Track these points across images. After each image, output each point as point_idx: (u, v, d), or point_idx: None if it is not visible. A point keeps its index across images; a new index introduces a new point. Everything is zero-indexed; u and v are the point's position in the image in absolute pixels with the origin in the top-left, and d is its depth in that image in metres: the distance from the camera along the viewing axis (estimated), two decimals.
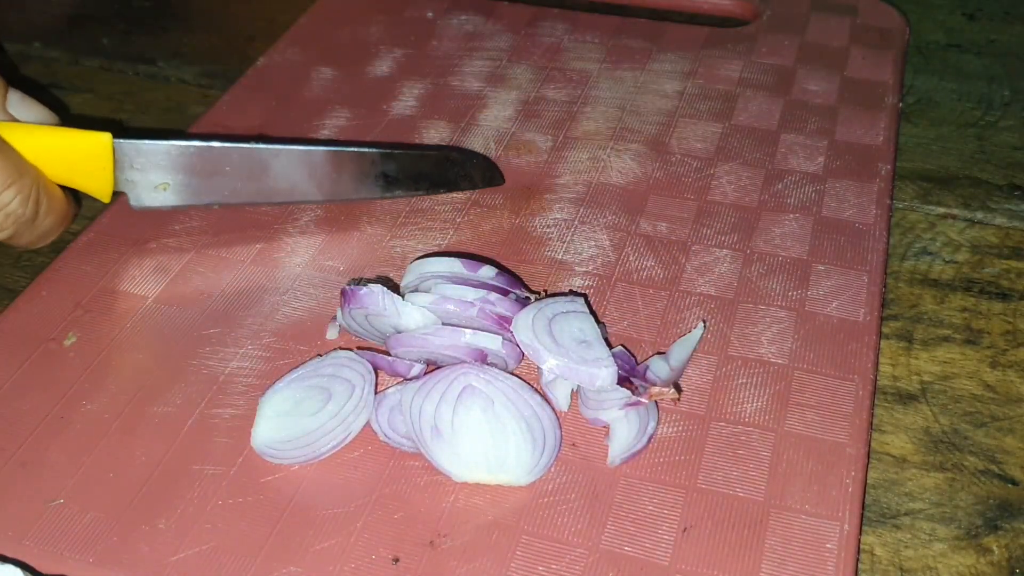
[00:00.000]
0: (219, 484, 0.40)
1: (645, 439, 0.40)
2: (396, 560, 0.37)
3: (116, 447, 0.41)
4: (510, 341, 0.42)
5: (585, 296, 0.46)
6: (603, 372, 0.40)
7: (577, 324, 0.42)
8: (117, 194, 0.48)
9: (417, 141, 0.58)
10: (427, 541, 0.38)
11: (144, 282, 0.48)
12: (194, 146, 0.47)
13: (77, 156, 0.45)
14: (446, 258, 0.44)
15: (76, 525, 0.38)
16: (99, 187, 0.47)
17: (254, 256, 0.50)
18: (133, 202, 0.49)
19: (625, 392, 0.40)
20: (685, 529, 0.38)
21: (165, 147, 0.47)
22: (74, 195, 0.48)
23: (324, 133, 0.58)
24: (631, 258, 0.50)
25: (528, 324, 0.41)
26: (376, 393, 0.42)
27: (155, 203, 0.49)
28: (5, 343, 0.46)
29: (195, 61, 0.68)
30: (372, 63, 0.64)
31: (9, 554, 0.37)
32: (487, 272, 0.44)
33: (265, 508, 0.39)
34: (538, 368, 0.42)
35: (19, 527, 0.38)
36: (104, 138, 0.46)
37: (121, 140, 0.46)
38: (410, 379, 0.42)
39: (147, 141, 0.47)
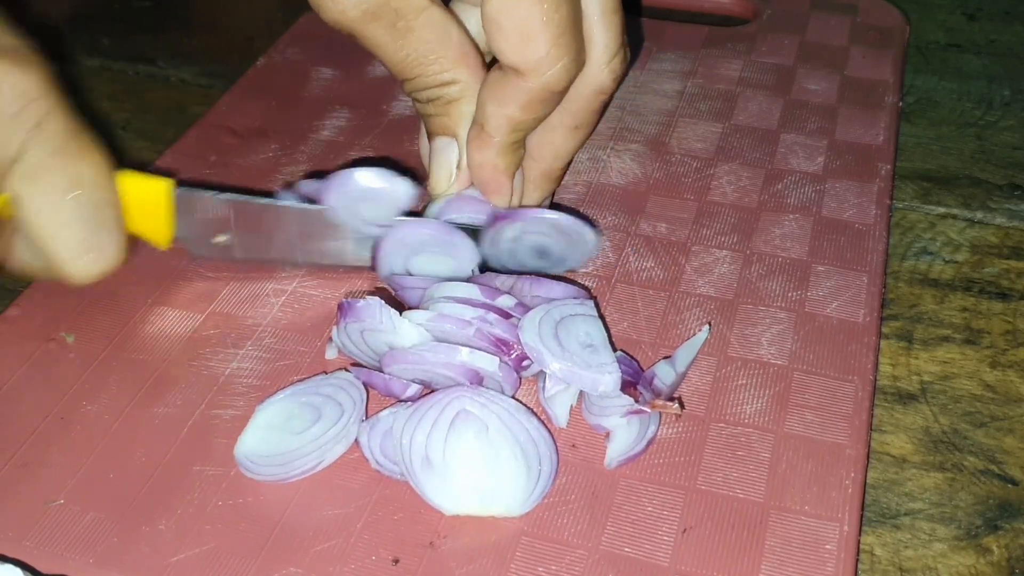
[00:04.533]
0: (219, 485, 0.40)
1: (644, 443, 0.40)
2: (396, 561, 0.37)
3: (116, 447, 0.41)
4: (507, 364, 0.41)
5: (595, 299, 0.45)
6: (607, 378, 0.39)
7: (584, 328, 0.42)
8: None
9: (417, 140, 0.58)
10: (427, 542, 0.38)
11: (144, 282, 0.48)
12: (258, 203, 0.46)
13: (135, 201, 0.44)
14: (466, 284, 0.43)
15: (76, 525, 0.38)
16: (158, 234, 0.46)
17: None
18: (192, 251, 0.47)
19: (628, 399, 0.40)
20: (685, 530, 0.38)
21: (226, 200, 0.46)
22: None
23: (324, 133, 0.58)
24: (631, 259, 0.50)
25: (535, 326, 0.41)
26: (367, 415, 0.41)
27: (213, 255, 0.47)
28: (5, 343, 0.46)
29: (195, 61, 0.68)
30: (372, 63, 0.64)
31: (9, 554, 0.37)
32: (506, 302, 0.43)
33: (265, 509, 0.39)
34: (539, 383, 0.42)
35: (19, 527, 0.38)
36: (163, 185, 0.45)
37: (181, 189, 0.45)
38: (404, 400, 0.41)
39: (209, 192, 0.45)
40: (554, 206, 0.50)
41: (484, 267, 0.46)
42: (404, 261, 0.46)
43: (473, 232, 0.46)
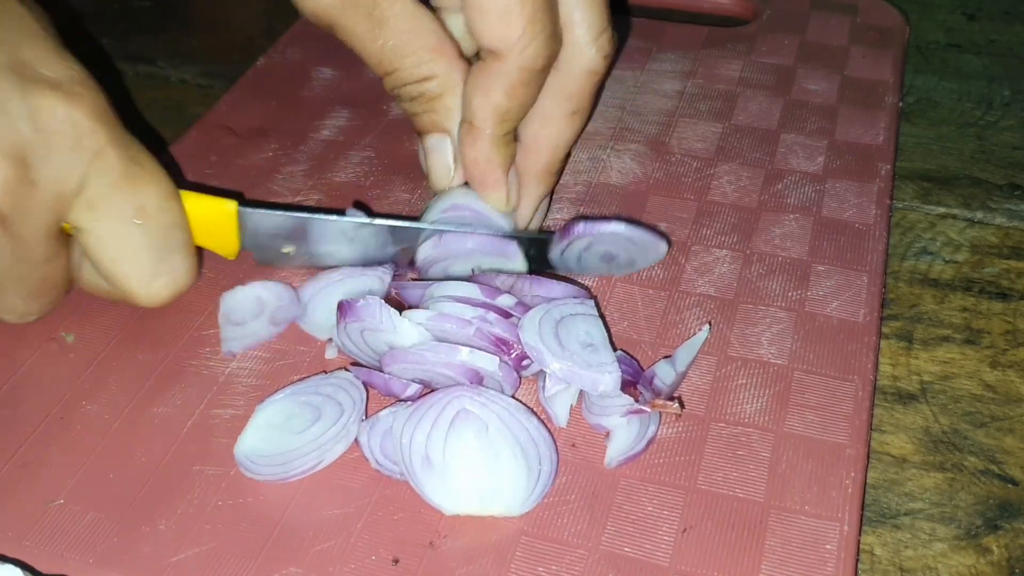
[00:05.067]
0: (219, 485, 0.40)
1: (644, 443, 0.40)
2: (396, 561, 0.37)
3: (116, 447, 0.41)
4: (507, 364, 0.41)
5: (596, 298, 0.45)
6: (607, 378, 0.39)
7: (584, 327, 0.42)
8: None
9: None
10: (427, 542, 0.38)
11: None
12: (321, 219, 0.46)
13: (204, 220, 0.45)
14: (466, 284, 0.43)
15: (76, 525, 0.38)
16: (225, 248, 0.47)
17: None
18: (258, 259, 0.48)
19: (628, 399, 0.40)
20: (685, 530, 0.38)
21: (291, 218, 0.46)
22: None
23: (324, 133, 0.58)
24: None
25: (535, 326, 0.41)
26: (367, 415, 0.41)
27: (279, 263, 0.48)
28: (5, 343, 0.46)
29: (195, 61, 0.68)
30: None
31: (9, 554, 0.37)
32: (506, 301, 0.43)
33: (265, 509, 0.39)
34: (539, 382, 0.42)
35: (19, 527, 0.38)
36: (229, 206, 0.45)
37: (246, 209, 0.46)
38: (404, 400, 0.41)
39: (272, 211, 0.46)
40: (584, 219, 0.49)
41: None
42: (447, 268, 0.46)
43: (543, 242, 0.46)
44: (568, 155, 0.49)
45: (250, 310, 0.45)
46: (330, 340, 0.45)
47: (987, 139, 0.60)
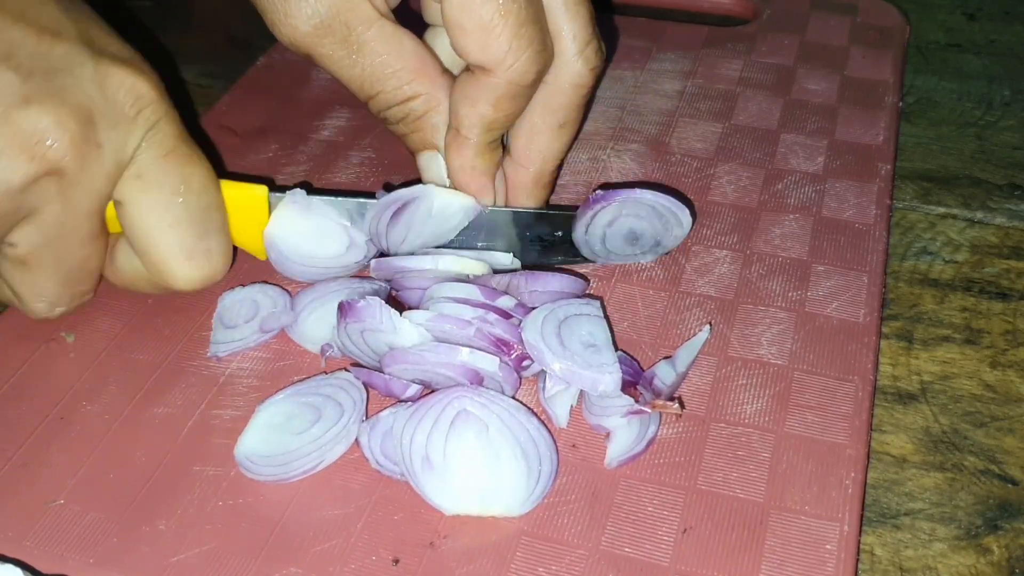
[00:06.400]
0: (220, 485, 0.40)
1: (644, 443, 0.40)
2: (396, 561, 0.37)
3: (116, 447, 0.41)
4: (507, 364, 0.41)
5: (601, 299, 0.45)
6: (607, 378, 0.39)
7: (588, 328, 0.42)
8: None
9: None
10: (427, 542, 0.38)
11: None
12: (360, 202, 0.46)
13: (236, 207, 0.45)
14: (466, 284, 0.43)
15: (76, 525, 0.38)
16: (255, 241, 0.46)
17: (253, 258, 0.50)
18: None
19: (628, 399, 0.40)
20: (685, 530, 0.38)
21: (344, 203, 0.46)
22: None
23: (324, 133, 0.58)
24: None
25: (537, 325, 0.41)
26: (367, 416, 0.41)
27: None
28: (5, 343, 0.46)
29: (195, 61, 0.68)
30: None
31: (9, 554, 0.37)
32: (506, 302, 0.43)
33: (265, 509, 0.39)
34: (539, 383, 0.42)
35: (19, 527, 0.38)
36: (260, 190, 0.45)
37: (278, 194, 0.45)
38: (404, 400, 0.41)
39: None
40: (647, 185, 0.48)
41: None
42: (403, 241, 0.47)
43: (567, 218, 0.46)
44: (560, 166, 0.48)
45: (243, 313, 0.45)
46: (322, 351, 0.44)
47: (987, 139, 0.60)
